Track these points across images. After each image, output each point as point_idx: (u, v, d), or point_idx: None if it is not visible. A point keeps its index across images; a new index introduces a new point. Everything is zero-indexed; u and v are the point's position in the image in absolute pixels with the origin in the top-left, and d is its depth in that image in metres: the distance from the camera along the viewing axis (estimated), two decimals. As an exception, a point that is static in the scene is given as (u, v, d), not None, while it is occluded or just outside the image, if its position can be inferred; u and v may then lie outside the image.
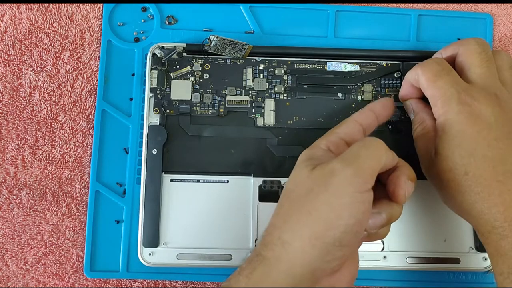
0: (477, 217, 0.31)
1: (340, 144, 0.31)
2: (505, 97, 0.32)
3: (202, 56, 0.39)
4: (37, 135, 0.39)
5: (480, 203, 0.31)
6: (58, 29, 0.40)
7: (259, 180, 0.38)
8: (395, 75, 0.39)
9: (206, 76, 0.39)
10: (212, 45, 0.37)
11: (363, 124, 0.33)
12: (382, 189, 0.31)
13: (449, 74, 0.33)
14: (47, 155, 0.39)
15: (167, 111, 0.38)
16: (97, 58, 0.40)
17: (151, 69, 0.38)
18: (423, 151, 0.34)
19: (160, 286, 0.38)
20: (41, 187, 0.39)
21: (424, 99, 0.35)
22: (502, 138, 0.31)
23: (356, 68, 0.39)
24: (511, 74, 0.34)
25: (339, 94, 0.39)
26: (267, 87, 0.39)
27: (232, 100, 0.38)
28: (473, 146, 0.31)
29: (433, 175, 0.33)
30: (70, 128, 0.39)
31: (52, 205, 0.39)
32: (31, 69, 0.40)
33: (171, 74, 0.38)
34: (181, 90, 0.38)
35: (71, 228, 0.39)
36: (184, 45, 0.38)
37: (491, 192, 0.30)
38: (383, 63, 0.39)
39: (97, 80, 0.40)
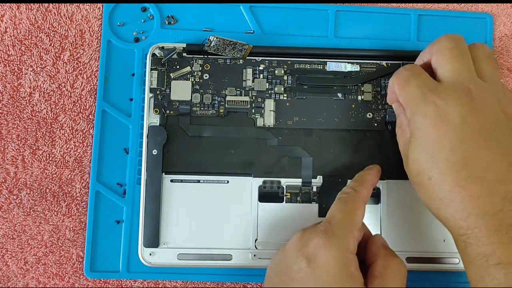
0: (444, 223, 0.31)
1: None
2: (480, 90, 0.31)
3: (202, 56, 0.39)
4: (37, 135, 0.39)
5: (444, 210, 0.30)
6: (58, 29, 0.40)
7: (259, 181, 0.38)
8: (395, 75, 0.39)
9: (206, 76, 0.39)
10: (212, 45, 0.37)
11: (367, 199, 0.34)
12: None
13: (418, 78, 0.32)
14: (47, 155, 0.39)
15: (167, 111, 0.38)
16: (97, 58, 0.40)
17: (151, 69, 0.38)
18: (402, 152, 0.34)
19: (160, 286, 0.38)
20: (41, 187, 0.39)
21: None
22: (468, 138, 0.29)
23: (356, 68, 0.39)
24: (488, 64, 0.33)
25: (339, 94, 0.39)
26: (267, 87, 0.39)
27: (232, 101, 0.38)
28: (436, 150, 0.30)
29: (409, 177, 0.33)
30: (70, 128, 0.39)
31: (52, 205, 0.39)
32: (31, 69, 0.40)
33: (171, 75, 0.38)
34: (181, 90, 0.38)
35: (71, 228, 0.39)
36: (184, 45, 0.38)
37: (453, 198, 0.29)
38: (383, 63, 0.39)
39: (97, 80, 0.40)
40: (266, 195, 0.38)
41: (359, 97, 0.39)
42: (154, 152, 0.37)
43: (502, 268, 0.28)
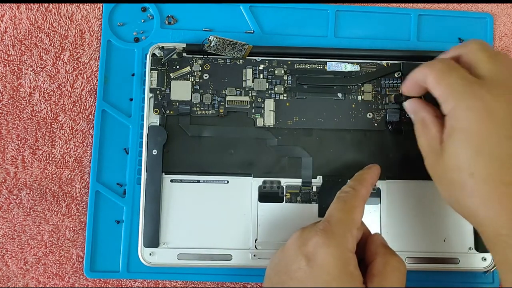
0: (482, 222, 0.29)
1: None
2: None
3: (202, 56, 0.39)
4: (37, 135, 0.39)
5: (486, 208, 0.29)
6: (58, 29, 0.40)
7: (259, 181, 0.38)
8: (395, 75, 0.39)
9: (206, 76, 0.39)
10: (212, 45, 0.37)
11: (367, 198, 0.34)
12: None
13: (459, 70, 0.31)
14: (47, 155, 0.39)
15: (167, 111, 0.38)
16: (97, 58, 0.40)
17: (151, 69, 0.38)
18: (426, 149, 0.33)
19: (160, 286, 0.38)
20: (41, 187, 0.39)
21: (426, 98, 0.35)
22: None
23: (356, 68, 0.39)
24: None
25: (339, 94, 0.39)
26: (267, 87, 0.39)
27: (232, 101, 0.38)
28: (481, 144, 0.29)
29: (438, 174, 0.32)
30: (70, 128, 0.39)
31: (52, 205, 0.39)
32: (31, 69, 0.40)
33: (171, 75, 0.38)
34: (181, 90, 0.38)
35: (71, 228, 0.39)
36: (184, 45, 0.38)
37: (499, 196, 0.28)
38: (383, 63, 0.39)
39: (97, 80, 0.40)
40: (266, 195, 0.38)
41: (359, 97, 0.39)
42: (154, 152, 0.37)
43: None
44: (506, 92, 0.30)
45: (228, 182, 0.38)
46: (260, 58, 0.39)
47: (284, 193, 0.38)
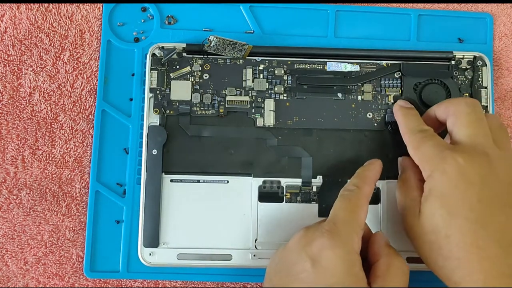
0: (457, 284, 0.30)
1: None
2: (497, 156, 0.31)
3: (202, 56, 0.39)
4: (37, 135, 0.39)
5: (461, 270, 0.30)
6: (58, 29, 0.40)
7: (259, 180, 0.38)
8: (395, 75, 0.39)
9: (206, 76, 0.39)
10: (212, 45, 0.37)
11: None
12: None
13: (432, 139, 0.33)
14: (47, 155, 0.39)
15: (167, 111, 0.38)
16: (97, 58, 0.40)
17: (151, 69, 0.38)
18: (405, 210, 0.34)
19: (160, 286, 0.38)
20: (41, 187, 0.39)
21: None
22: (486, 199, 0.30)
23: (356, 68, 0.39)
24: (502, 133, 0.34)
25: (339, 94, 0.39)
26: (267, 87, 0.39)
27: (232, 101, 0.38)
28: (455, 207, 0.30)
29: (416, 236, 0.32)
30: (70, 128, 0.39)
31: (52, 205, 0.39)
32: (31, 69, 0.40)
33: (171, 74, 0.38)
34: (181, 90, 0.38)
35: (71, 228, 0.39)
36: (184, 45, 0.38)
37: (471, 258, 0.29)
38: (383, 63, 0.39)
39: (97, 80, 0.40)
40: (266, 195, 0.38)
41: (359, 97, 0.39)
42: (154, 152, 0.37)
43: None
44: (479, 156, 0.31)
45: (228, 182, 0.38)
46: (260, 58, 0.39)
47: (284, 193, 0.38)
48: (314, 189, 0.38)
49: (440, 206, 0.31)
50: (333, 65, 0.39)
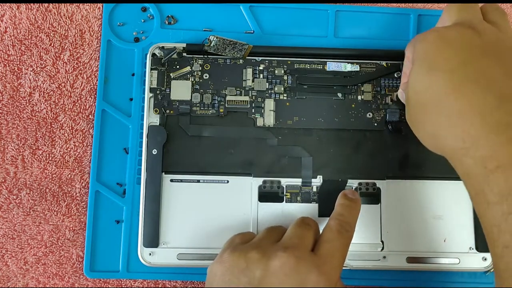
0: (442, 143, 0.30)
1: None
2: (489, 31, 0.31)
3: (202, 56, 0.39)
4: (37, 135, 0.39)
5: (442, 124, 0.29)
6: (58, 29, 0.40)
7: (259, 180, 0.38)
8: (395, 75, 0.39)
9: (206, 76, 0.39)
10: (212, 45, 0.37)
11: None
12: None
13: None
14: (47, 155, 0.39)
15: (167, 111, 0.38)
16: (97, 58, 0.40)
17: (151, 69, 0.38)
18: (403, 96, 0.34)
19: (160, 286, 0.38)
20: (41, 187, 0.39)
21: None
22: (466, 50, 0.29)
23: (356, 68, 0.39)
24: (497, 13, 0.33)
25: (339, 94, 0.39)
26: (267, 87, 0.39)
27: (232, 100, 0.38)
28: (434, 63, 0.30)
29: (409, 114, 0.32)
30: (70, 128, 0.39)
31: (52, 205, 0.39)
32: (31, 69, 0.40)
33: (171, 74, 0.38)
34: (181, 90, 0.38)
35: (71, 228, 0.39)
36: (184, 45, 0.38)
37: (451, 105, 0.29)
38: (383, 63, 0.39)
39: (97, 80, 0.40)
40: (266, 195, 0.38)
41: (359, 97, 0.39)
42: (154, 152, 0.37)
43: (501, 172, 0.27)
44: (463, 27, 0.31)
45: (228, 182, 0.38)
46: (260, 58, 0.39)
47: (284, 193, 0.38)
48: (314, 189, 0.38)
49: (420, 65, 0.30)
50: (333, 65, 0.39)
